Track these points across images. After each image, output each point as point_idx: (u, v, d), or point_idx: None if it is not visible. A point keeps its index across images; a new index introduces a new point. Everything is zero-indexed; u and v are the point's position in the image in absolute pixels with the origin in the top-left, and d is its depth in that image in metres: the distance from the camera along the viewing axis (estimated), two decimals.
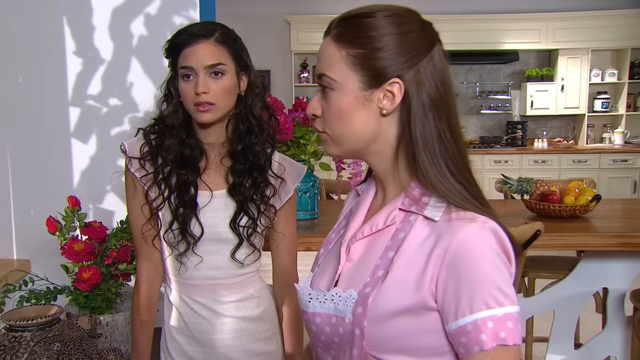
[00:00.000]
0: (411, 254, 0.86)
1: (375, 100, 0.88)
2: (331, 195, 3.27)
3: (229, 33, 1.37)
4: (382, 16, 0.88)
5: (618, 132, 6.64)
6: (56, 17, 2.04)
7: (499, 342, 0.79)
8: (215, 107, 1.33)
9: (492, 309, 0.79)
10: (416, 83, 0.87)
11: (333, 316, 0.90)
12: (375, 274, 0.88)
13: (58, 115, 2.07)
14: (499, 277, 0.81)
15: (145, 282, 1.45)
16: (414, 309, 0.84)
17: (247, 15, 6.57)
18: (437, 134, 0.88)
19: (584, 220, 2.32)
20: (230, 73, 1.35)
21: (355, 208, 1.02)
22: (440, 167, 0.87)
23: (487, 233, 0.83)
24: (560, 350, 2.45)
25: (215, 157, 1.42)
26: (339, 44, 0.89)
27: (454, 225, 0.84)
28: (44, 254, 1.96)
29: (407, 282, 0.84)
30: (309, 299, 0.94)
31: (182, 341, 1.44)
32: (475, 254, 0.81)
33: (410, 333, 0.85)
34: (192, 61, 1.31)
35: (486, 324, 0.79)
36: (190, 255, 1.39)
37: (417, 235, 0.87)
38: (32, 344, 1.29)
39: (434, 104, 0.88)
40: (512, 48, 6.60)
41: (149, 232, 1.41)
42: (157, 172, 1.38)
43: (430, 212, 0.87)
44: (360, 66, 0.87)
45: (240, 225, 1.39)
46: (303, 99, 2.13)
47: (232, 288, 1.43)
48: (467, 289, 0.80)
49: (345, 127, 0.90)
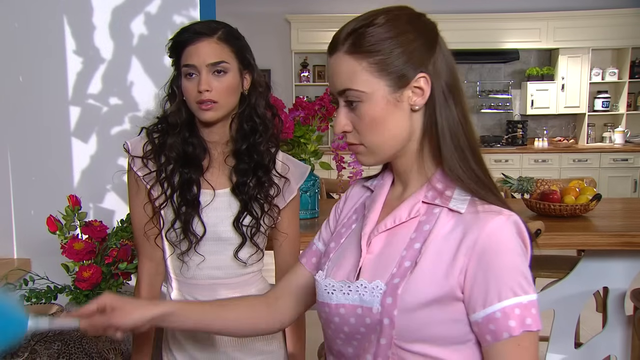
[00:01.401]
0: (439, 246, 0.89)
1: (405, 99, 0.90)
2: (331, 194, 3.27)
3: (232, 32, 1.37)
4: (384, 20, 0.90)
5: (618, 132, 6.64)
6: (56, 16, 2.04)
7: (526, 328, 0.83)
8: (218, 105, 1.33)
9: (519, 297, 0.84)
10: (435, 73, 0.91)
11: (359, 307, 0.91)
12: (402, 265, 0.90)
13: (58, 114, 2.07)
14: (524, 267, 0.86)
15: (147, 281, 1.45)
16: (442, 299, 0.87)
17: (247, 15, 6.56)
18: (459, 121, 0.91)
19: (584, 220, 2.32)
20: (233, 71, 1.34)
21: (370, 202, 1.03)
22: (464, 156, 0.91)
23: (511, 226, 0.87)
24: (560, 350, 2.45)
25: (219, 155, 1.42)
26: (356, 56, 0.90)
27: (482, 217, 0.87)
28: (44, 253, 1.96)
29: (436, 273, 0.87)
30: (331, 290, 0.95)
31: (184, 340, 1.44)
32: (504, 245, 0.86)
33: (436, 323, 0.88)
34: (195, 59, 1.31)
35: (514, 311, 0.83)
36: (192, 255, 1.39)
37: (443, 227, 0.90)
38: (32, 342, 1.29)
39: (451, 92, 0.91)
40: (513, 47, 6.60)
41: (151, 230, 1.41)
42: (159, 171, 1.37)
43: (455, 204, 0.90)
44: (385, 71, 0.89)
45: (244, 225, 1.39)
46: (303, 98, 2.14)
47: (234, 287, 1.43)
48: (495, 278, 0.84)
49: (382, 134, 0.92)
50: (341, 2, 6.38)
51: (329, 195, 3.24)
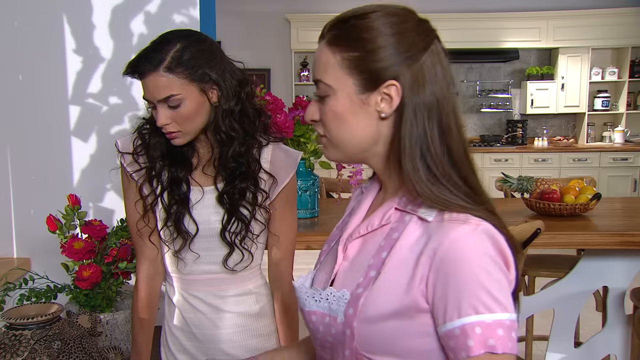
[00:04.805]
0: (403, 255, 0.84)
1: (372, 103, 0.86)
2: (331, 193, 3.27)
3: (185, 50, 1.25)
4: (376, 17, 0.85)
5: (618, 131, 6.65)
6: (56, 16, 2.03)
7: (488, 350, 0.75)
8: (180, 133, 1.29)
9: (481, 315, 0.76)
10: (412, 84, 0.84)
11: (327, 315, 0.89)
12: (368, 275, 0.86)
13: (58, 113, 2.07)
14: (489, 282, 0.77)
15: (145, 281, 1.45)
16: (405, 311, 0.82)
17: (247, 14, 6.56)
18: (429, 140, 0.84)
19: (584, 219, 2.32)
20: (189, 98, 1.26)
21: (356, 206, 1.01)
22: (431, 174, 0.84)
23: (479, 235, 0.80)
24: (560, 349, 2.45)
25: (207, 153, 1.39)
26: (333, 48, 0.87)
27: (445, 226, 0.81)
28: (44, 253, 1.96)
29: (398, 284, 0.82)
30: (305, 296, 0.93)
31: (181, 336, 1.44)
32: (465, 257, 0.78)
33: (403, 336, 0.83)
34: (147, 94, 1.27)
35: (474, 330, 0.76)
36: (186, 252, 1.39)
37: (410, 236, 0.85)
38: (32, 342, 1.29)
39: (427, 107, 0.84)
40: (513, 46, 6.60)
41: (145, 229, 1.40)
42: (149, 168, 1.37)
43: (424, 212, 0.85)
44: (356, 70, 0.85)
45: (230, 232, 1.36)
46: (303, 98, 2.14)
47: (232, 282, 1.43)
48: (455, 292, 0.78)
49: (344, 132, 0.88)
50: (341, 2, 6.37)
51: (328, 194, 3.25)
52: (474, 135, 6.98)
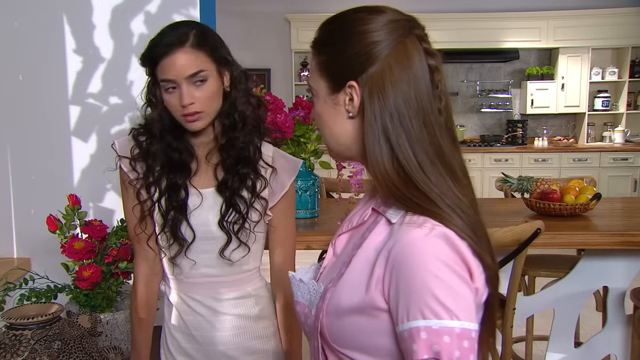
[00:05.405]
0: (368, 254, 0.86)
1: (341, 103, 0.89)
2: (331, 193, 3.26)
3: (203, 32, 1.30)
4: (344, 19, 0.89)
5: (618, 131, 6.65)
6: (56, 16, 2.03)
7: (432, 356, 0.75)
8: (203, 113, 1.30)
9: (428, 320, 0.76)
10: (370, 86, 0.84)
11: (306, 307, 0.95)
12: (340, 270, 0.90)
13: (58, 113, 2.07)
14: (438, 288, 0.76)
15: (143, 281, 1.45)
16: (366, 309, 0.83)
17: (247, 14, 6.56)
18: (386, 135, 0.83)
19: (584, 219, 2.32)
20: (212, 76, 1.29)
21: (361, 201, 1.04)
22: (384, 170, 0.84)
23: (433, 240, 0.79)
24: (560, 349, 2.45)
25: (203, 156, 1.40)
26: (314, 52, 0.92)
27: (402, 228, 0.82)
28: (44, 253, 1.96)
29: (359, 281, 0.85)
30: (294, 288, 0.99)
31: (181, 339, 1.44)
32: (415, 261, 0.78)
33: (366, 332, 0.85)
34: (172, 73, 1.26)
35: (419, 334, 0.76)
36: (182, 259, 1.39)
37: (377, 236, 0.87)
38: (32, 342, 1.29)
39: (387, 107, 0.83)
40: (513, 46, 6.60)
41: (142, 233, 1.40)
42: (146, 175, 1.36)
43: (392, 213, 0.87)
44: (326, 72, 0.90)
45: (228, 221, 1.36)
46: (303, 98, 2.13)
47: (231, 285, 1.43)
48: (404, 295, 0.78)
49: (324, 130, 0.93)
50: (341, 2, 6.37)
51: (328, 194, 3.24)
52: (474, 135, 6.98)
